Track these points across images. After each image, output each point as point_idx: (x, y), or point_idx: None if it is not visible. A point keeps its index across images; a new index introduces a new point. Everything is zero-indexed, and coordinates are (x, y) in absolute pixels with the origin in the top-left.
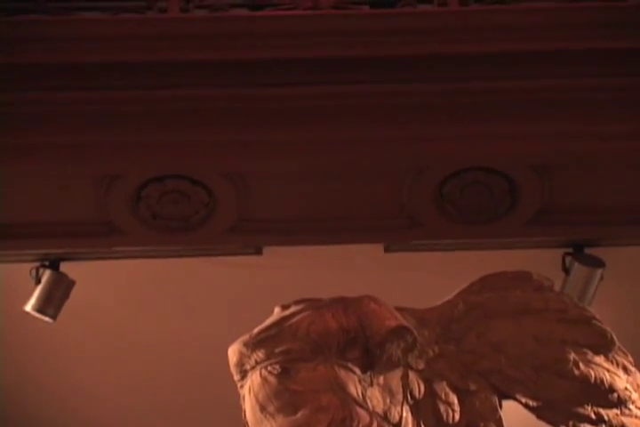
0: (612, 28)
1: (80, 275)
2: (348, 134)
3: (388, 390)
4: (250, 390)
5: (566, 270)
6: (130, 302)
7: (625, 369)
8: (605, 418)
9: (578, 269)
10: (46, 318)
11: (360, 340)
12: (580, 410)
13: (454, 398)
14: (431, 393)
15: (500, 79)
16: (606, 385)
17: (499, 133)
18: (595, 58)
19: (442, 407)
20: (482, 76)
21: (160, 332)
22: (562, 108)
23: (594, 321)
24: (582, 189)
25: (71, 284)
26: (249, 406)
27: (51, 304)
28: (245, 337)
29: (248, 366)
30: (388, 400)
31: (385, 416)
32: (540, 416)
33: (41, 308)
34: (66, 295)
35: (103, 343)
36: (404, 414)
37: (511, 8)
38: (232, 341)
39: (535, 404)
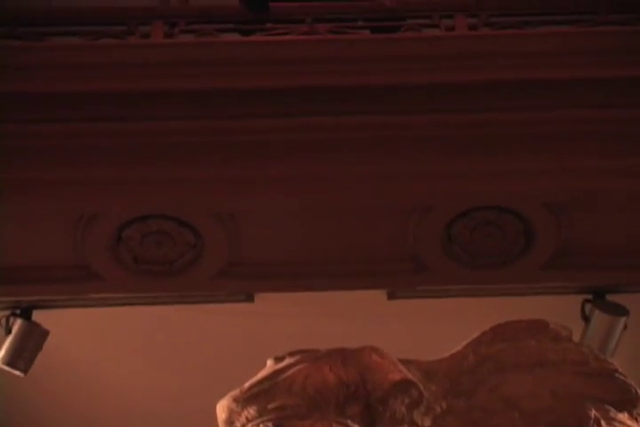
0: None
1: (54, 324)
2: (348, 170)
3: None
4: None
5: (586, 319)
6: (109, 353)
7: None
8: None
9: (599, 317)
10: (17, 372)
11: (361, 395)
12: None
13: None
14: None
15: (511, 110)
16: None
17: (511, 170)
18: (615, 86)
19: None
20: (493, 106)
21: (142, 386)
22: (578, 142)
23: (616, 375)
24: (603, 230)
25: (44, 334)
26: None
27: (22, 357)
28: (235, 392)
29: (238, 424)
30: None
31: None
32: None
33: (11, 361)
34: (39, 347)
35: (80, 399)
36: None
37: (525, 33)
38: (221, 395)
39: None
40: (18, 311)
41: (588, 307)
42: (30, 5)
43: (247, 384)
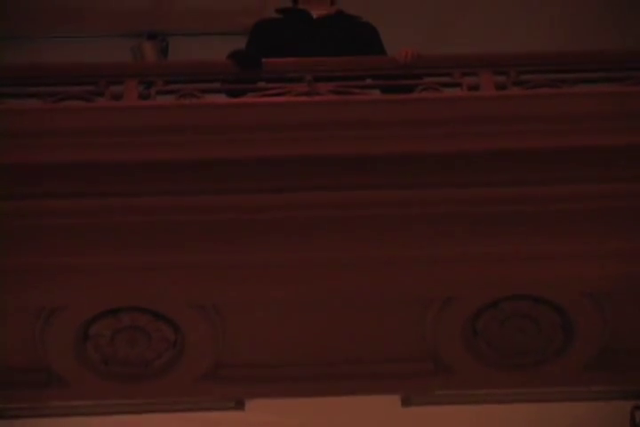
0: None
1: None
2: (352, 254)
3: None
4: None
5: None
6: None
7: None
8: None
9: None
10: None
11: None
12: None
13: None
14: None
15: (546, 183)
16: None
17: (545, 253)
18: None
19: None
20: (524, 179)
21: None
22: (623, 220)
23: None
24: None
25: None
26: None
27: None
28: None
29: None
30: None
31: None
32: None
33: None
34: None
35: None
36: None
37: (561, 93)
38: None
39: None
40: None
41: (638, 414)
42: None
43: None
